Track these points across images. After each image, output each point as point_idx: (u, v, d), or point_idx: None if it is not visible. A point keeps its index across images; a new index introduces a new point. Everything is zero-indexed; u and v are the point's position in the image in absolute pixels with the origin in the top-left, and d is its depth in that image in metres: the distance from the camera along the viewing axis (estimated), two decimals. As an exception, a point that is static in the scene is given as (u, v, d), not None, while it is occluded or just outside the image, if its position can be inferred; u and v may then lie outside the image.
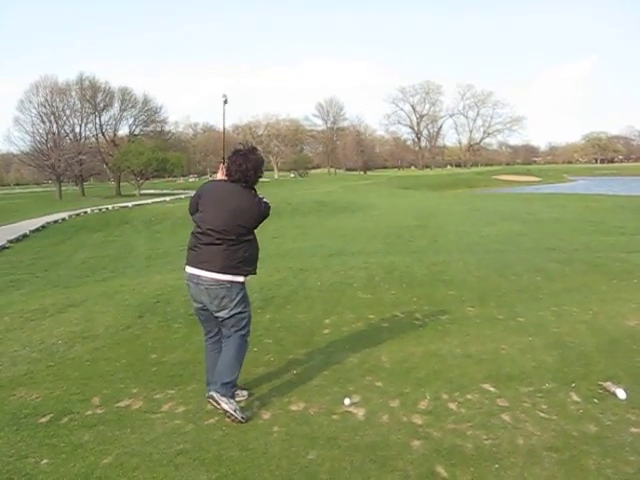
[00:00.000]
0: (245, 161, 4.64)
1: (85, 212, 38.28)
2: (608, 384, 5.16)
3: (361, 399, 4.99)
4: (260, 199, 4.75)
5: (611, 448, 4.11)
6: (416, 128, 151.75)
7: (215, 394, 4.63)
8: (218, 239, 4.59)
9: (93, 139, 75.41)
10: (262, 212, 4.73)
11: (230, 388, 4.70)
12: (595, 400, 4.91)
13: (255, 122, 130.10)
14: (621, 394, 4.93)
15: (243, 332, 4.84)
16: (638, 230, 19.00)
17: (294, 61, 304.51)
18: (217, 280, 4.60)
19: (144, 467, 3.96)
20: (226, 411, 4.57)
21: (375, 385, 5.31)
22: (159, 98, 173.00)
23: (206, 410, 4.80)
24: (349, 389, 5.20)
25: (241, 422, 4.55)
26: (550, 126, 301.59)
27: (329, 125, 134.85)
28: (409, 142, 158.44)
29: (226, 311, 4.70)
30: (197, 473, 3.86)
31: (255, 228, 4.76)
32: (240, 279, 4.72)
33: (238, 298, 4.72)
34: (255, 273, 4.88)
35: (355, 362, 5.93)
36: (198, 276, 4.66)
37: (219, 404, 4.60)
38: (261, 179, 4.82)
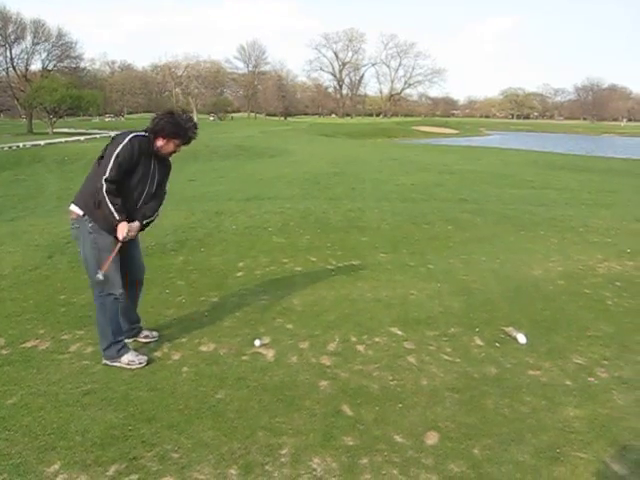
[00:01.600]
0: (163, 114, 4.43)
1: (-7, 149, 36.62)
2: (510, 329, 5.36)
3: (271, 341, 5.04)
4: (130, 144, 4.27)
5: (509, 389, 4.29)
6: (338, 76, 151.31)
7: (105, 361, 4.54)
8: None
9: (3, 73, 71.84)
10: (115, 146, 4.25)
11: (114, 348, 4.51)
12: (497, 344, 5.10)
13: (175, 62, 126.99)
14: (521, 339, 5.14)
15: (96, 291, 4.49)
16: (547, 184, 19.55)
17: (217, 1, 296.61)
18: (71, 214, 4.42)
19: (50, 407, 3.90)
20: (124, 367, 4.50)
21: (286, 327, 5.36)
22: (75, 33, 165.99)
23: (114, 350, 4.73)
24: (260, 331, 5.24)
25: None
26: (470, 80, 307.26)
27: (250, 69, 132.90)
28: (330, 89, 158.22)
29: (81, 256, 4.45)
30: (104, 413, 3.82)
31: (107, 159, 4.22)
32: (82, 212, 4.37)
33: (88, 242, 4.38)
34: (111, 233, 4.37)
35: (267, 305, 5.96)
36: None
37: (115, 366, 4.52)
38: None
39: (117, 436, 3.56)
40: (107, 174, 4.16)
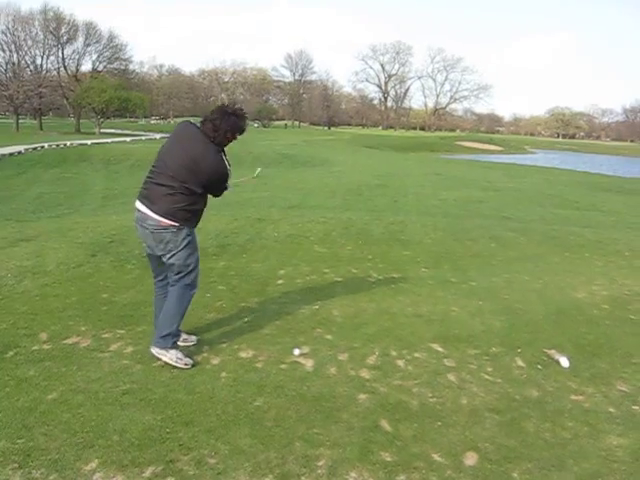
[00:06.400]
0: (222, 117, 4.49)
1: (42, 147, 37.07)
2: (552, 352, 5.28)
3: (310, 350, 5.02)
4: (223, 160, 4.59)
5: (550, 413, 4.22)
6: (383, 88, 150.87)
7: (154, 350, 4.61)
8: (167, 180, 4.44)
9: (55, 73, 73.13)
10: (219, 171, 4.55)
11: (170, 339, 4.63)
12: (539, 366, 5.02)
13: (222, 68, 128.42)
14: (564, 362, 5.05)
15: (187, 281, 4.72)
16: (592, 206, 19.31)
17: (265, 6, 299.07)
18: (160, 223, 4.47)
19: (89, 404, 3.94)
20: (168, 363, 4.56)
21: (325, 338, 5.35)
22: (125, 35, 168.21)
23: (155, 352, 4.77)
24: (299, 340, 5.23)
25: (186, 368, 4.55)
26: (516, 97, 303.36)
27: (297, 77, 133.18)
28: (375, 101, 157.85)
29: (169, 256, 4.58)
30: (143, 413, 3.85)
31: (206, 186, 4.55)
32: (183, 225, 4.58)
33: (184, 244, 4.58)
34: (194, 226, 4.74)
35: (307, 314, 5.95)
36: (143, 215, 4.52)
37: (160, 359, 4.59)
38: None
39: (154, 438, 3.57)
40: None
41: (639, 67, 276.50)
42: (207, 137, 4.51)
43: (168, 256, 4.60)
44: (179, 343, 4.90)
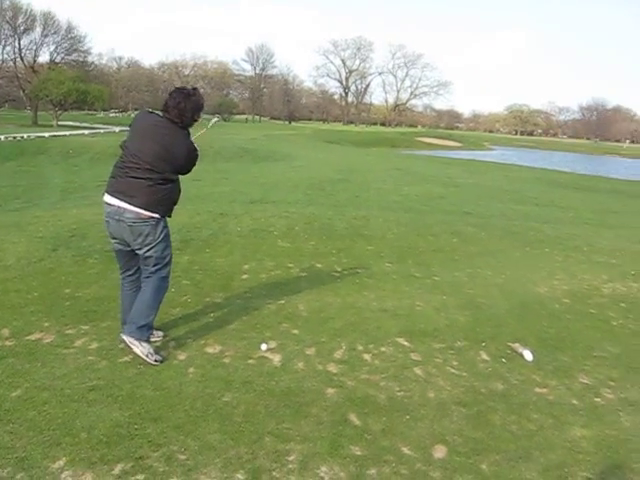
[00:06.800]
0: (185, 100, 4.47)
1: (-3, 139, 36.49)
2: (516, 345, 5.35)
3: (277, 345, 5.01)
4: (193, 143, 4.62)
5: (516, 406, 4.28)
6: (344, 83, 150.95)
7: (127, 338, 4.56)
8: (144, 173, 4.39)
9: (11, 63, 71.72)
10: (191, 155, 4.59)
11: (146, 331, 4.61)
12: (503, 360, 5.09)
13: (182, 61, 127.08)
14: (528, 355, 5.13)
15: (164, 273, 4.71)
16: (551, 202, 19.62)
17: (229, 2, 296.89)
18: (140, 216, 4.43)
19: (55, 402, 3.88)
20: (138, 356, 4.51)
21: (292, 332, 5.34)
22: (84, 27, 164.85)
23: (120, 347, 4.71)
24: (266, 335, 5.21)
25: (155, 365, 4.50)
26: (475, 94, 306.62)
27: (258, 71, 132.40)
28: (336, 96, 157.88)
29: (147, 249, 4.55)
30: (110, 410, 3.80)
31: (182, 172, 4.61)
32: (162, 216, 4.57)
33: (162, 236, 4.57)
34: (170, 216, 4.72)
35: (273, 309, 5.94)
36: (119, 209, 4.45)
37: (131, 348, 4.54)
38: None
39: (123, 434, 3.53)
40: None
41: (596, 66, 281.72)
42: (174, 123, 4.49)
43: (145, 249, 4.55)
44: (146, 338, 4.87)
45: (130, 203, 4.42)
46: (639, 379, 4.96)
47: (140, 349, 4.52)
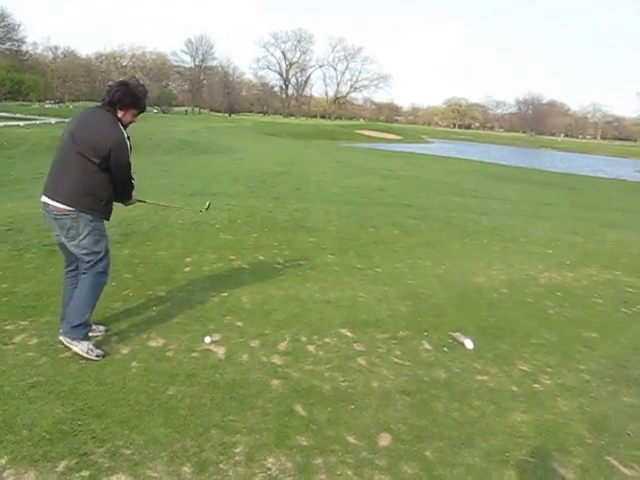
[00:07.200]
0: (118, 85, 4.40)
1: None
2: (457, 334, 5.46)
3: (221, 338, 4.99)
4: (120, 128, 4.41)
5: (458, 393, 4.37)
6: (285, 75, 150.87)
7: (64, 339, 4.48)
8: (72, 161, 4.29)
9: (-62, 51, 69.50)
10: (116, 137, 4.34)
11: (82, 330, 4.51)
12: (445, 349, 5.18)
13: (120, 52, 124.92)
14: (469, 344, 5.23)
15: (99, 269, 4.56)
16: (488, 194, 19.97)
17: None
18: (58, 208, 4.32)
19: (-6, 399, 3.78)
20: (79, 354, 4.43)
21: (235, 325, 5.32)
22: (18, 15, 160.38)
23: (60, 343, 4.62)
24: (209, 327, 5.18)
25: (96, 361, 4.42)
26: (414, 88, 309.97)
27: (197, 63, 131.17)
28: (276, 89, 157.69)
29: (73, 242, 4.43)
30: (52, 407, 3.71)
31: (106, 158, 4.31)
32: (83, 210, 4.40)
33: (87, 230, 4.41)
34: (107, 219, 4.61)
35: (216, 301, 5.90)
36: (45, 202, 4.37)
37: (70, 349, 4.45)
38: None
39: (66, 431, 3.46)
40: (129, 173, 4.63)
41: (532, 61, 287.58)
42: (107, 112, 4.41)
43: (72, 243, 4.44)
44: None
45: (52, 197, 4.34)
46: (575, 365, 5.12)
47: (79, 347, 4.43)
